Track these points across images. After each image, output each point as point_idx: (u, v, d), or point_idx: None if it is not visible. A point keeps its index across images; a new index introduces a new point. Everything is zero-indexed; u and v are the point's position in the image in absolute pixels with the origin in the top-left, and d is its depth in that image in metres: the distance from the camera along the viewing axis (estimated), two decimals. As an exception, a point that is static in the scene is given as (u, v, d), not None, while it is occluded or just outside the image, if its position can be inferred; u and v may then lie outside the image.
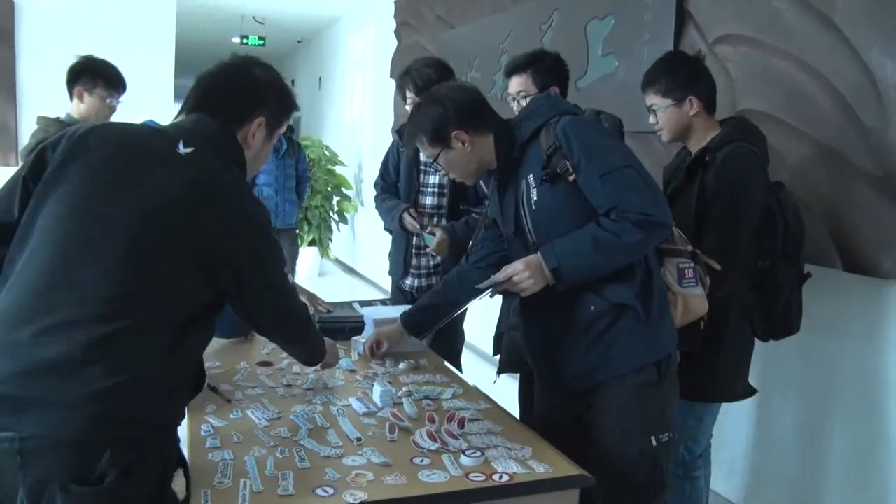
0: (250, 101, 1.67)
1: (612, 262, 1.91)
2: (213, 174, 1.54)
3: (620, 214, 1.86)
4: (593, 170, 1.89)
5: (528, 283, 1.94)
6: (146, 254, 1.44)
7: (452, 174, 2.12)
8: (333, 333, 2.70)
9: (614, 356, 1.97)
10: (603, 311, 1.96)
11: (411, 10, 6.61)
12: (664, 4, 3.31)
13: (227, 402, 2.08)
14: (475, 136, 2.03)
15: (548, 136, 1.96)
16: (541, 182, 1.96)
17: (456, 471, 1.68)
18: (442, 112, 2.02)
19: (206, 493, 1.54)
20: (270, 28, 10.55)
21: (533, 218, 2.00)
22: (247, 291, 1.58)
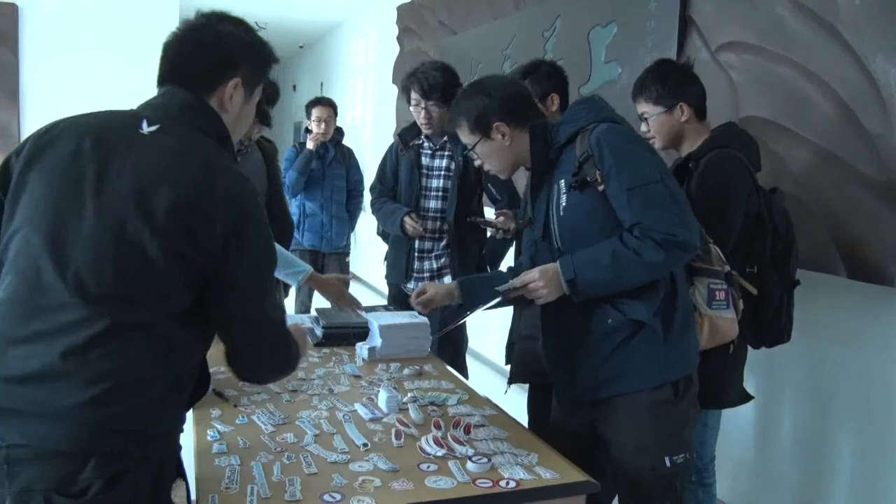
0: (221, 63, 1.53)
1: (629, 280, 1.88)
2: (179, 152, 1.41)
3: (644, 231, 1.82)
4: (622, 182, 1.85)
5: (543, 293, 1.93)
6: (116, 251, 1.34)
7: (487, 165, 2.11)
8: (338, 339, 2.71)
9: (629, 372, 1.93)
10: (619, 326, 1.92)
11: (413, 16, 6.62)
12: (667, 11, 3.32)
13: (233, 406, 2.08)
14: (516, 131, 2.03)
15: (583, 142, 1.93)
16: (570, 188, 1.94)
17: (463, 477, 1.68)
18: (487, 102, 2.02)
19: (213, 499, 1.55)
20: (272, 33, 10.54)
21: (560, 224, 1.98)
22: (226, 285, 1.42)
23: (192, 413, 2.00)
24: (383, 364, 2.54)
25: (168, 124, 1.44)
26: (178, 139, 1.43)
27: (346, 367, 2.48)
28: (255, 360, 1.55)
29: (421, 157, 3.38)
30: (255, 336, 1.49)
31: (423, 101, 3.23)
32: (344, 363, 2.53)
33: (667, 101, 2.41)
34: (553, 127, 2.03)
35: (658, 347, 1.91)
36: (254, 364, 1.56)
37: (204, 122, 1.50)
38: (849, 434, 2.67)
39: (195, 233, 1.37)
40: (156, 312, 1.37)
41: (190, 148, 1.43)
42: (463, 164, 3.28)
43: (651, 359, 1.91)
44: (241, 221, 1.41)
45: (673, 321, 1.92)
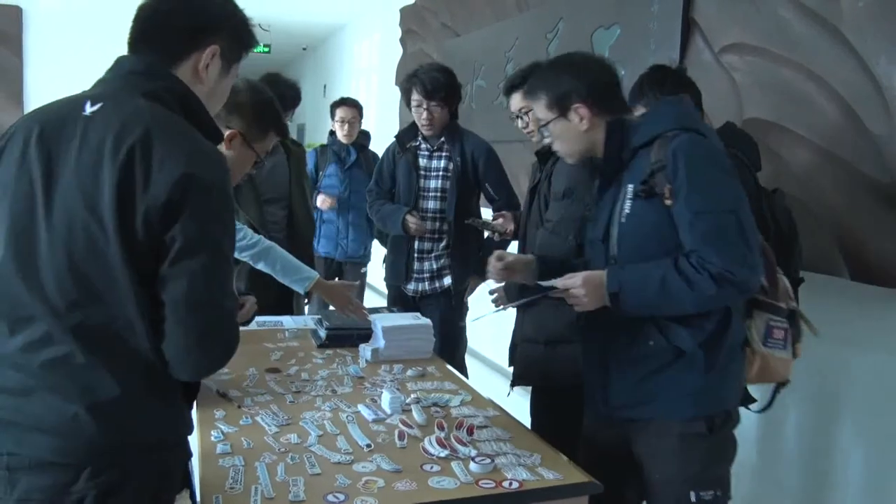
0: (200, 26, 1.43)
1: (675, 308, 1.78)
2: (118, 129, 1.28)
3: (701, 261, 1.71)
4: (690, 203, 1.74)
5: (584, 301, 1.85)
6: (71, 255, 1.27)
7: (556, 146, 2.01)
8: (341, 340, 2.72)
9: (663, 398, 1.85)
10: (660, 350, 1.83)
11: (416, 18, 6.63)
12: (670, 13, 3.32)
13: (237, 407, 2.08)
14: (596, 118, 1.92)
15: (660, 149, 1.80)
16: (636, 196, 1.83)
17: (466, 478, 1.69)
18: (574, 81, 1.91)
19: (217, 499, 1.56)
20: (276, 35, 10.58)
21: (620, 230, 1.87)
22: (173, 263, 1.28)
23: (196, 414, 2.01)
24: (386, 365, 2.54)
25: (111, 99, 1.34)
26: (119, 112, 1.31)
27: (349, 369, 2.49)
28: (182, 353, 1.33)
29: (418, 158, 3.40)
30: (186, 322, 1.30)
31: (425, 102, 3.25)
32: (347, 364, 2.54)
33: None
34: (632, 126, 1.91)
35: (697, 379, 1.81)
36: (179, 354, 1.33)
37: (155, 87, 1.37)
38: (852, 436, 2.67)
39: (140, 216, 1.25)
40: (127, 315, 1.29)
41: (129, 120, 1.29)
42: (461, 165, 3.30)
43: (688, 389, 1.82)
44: (181, 194, 1.26)
45: (718, 354, 1.82)
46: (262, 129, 2.20)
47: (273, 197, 3.38)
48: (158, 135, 1.28)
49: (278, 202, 3.41)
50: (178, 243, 1.27)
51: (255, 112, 2.19)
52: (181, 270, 1.28)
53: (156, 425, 1.35)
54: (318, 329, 2.83)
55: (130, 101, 1.33)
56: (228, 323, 1.37)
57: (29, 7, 7.33)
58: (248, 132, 2.17)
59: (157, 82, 1.37)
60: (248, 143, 2.18)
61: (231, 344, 1.39)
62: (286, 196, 3.44)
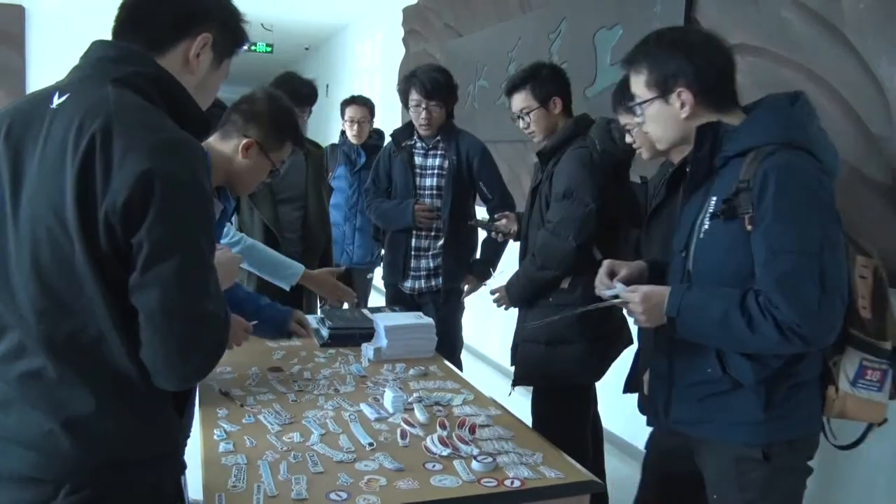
0: (189, 11, 1.36)
1: (732, 346, 1.67)
2: (80, 120, 1.19)
3: (768, 305, 1.56)
4: (770, 236, 1.57)
5: (641, 318, 1.75)
6: (38, 263, 1.20)
7: (646, 128, 1.83)
8: (344, 340, 2.73)
9: (721, 421, 1.74)
10: (717, 379, 1.71)
11: (419, 18, 6.64)
12: (672, 14, 3.33)
13: (240, 406, 2.09)
14: (699, 108, 1.72)
15: (752, 163, 1.61)
16: (715, 215, 1.67)
17: (468, 476, 1.69)
18: (683, 62, 1.70)
19: (220, 497, 1.56)
20: (279, 35, 10.60)
21: (697, 246, 1.73)
22: (143, 271, 1.18)
23: (198, 413, 2.03)
24: (389, 364, 2.55)
25: (78, 89, 1.25)
26: (84, 102, 1.22)
27: (351, 368, 2.50)
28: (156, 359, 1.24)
29: (414, 156, 3.44)
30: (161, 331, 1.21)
31: (424, 102, 3.28)
32: (350, 364, 2.54)
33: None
34: (726, 131, 1.69)
35: (754, 412, 1.69)
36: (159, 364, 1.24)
37: (126, 71, 1.27)
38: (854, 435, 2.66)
39: (101, 220, 1.16)
40: (98, 326, 1.21)
41: (91, 110, 1.20)
42: (456, 163, 3.32)
43: (745, 419, 1.70)
44: (143, 194, 1.15)
45: (782, 390, 1.68)
46: (280, 138, 2.23)
47: (288, 197, 3.38)
48: (120, 125, 1.18)
49: (293, 202, 3.42)
50: (146, 249, 1.17)
51: (272, 121, 2.21)
52: (152, 278, 1.17)
53: (136, 442, 1.28)
54: (320, 328, 2.84)
55: (97, 89, 1.24)
56: (210, 328, 1.25)
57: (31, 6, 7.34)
58: (265, 142, 2.20)
59: (127, 67, 1.27)
60: (265, 152, 2.20)
61: (214, 349, 1.28)
62: (302, 197, 3.44)
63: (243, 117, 2.22)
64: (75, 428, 1.22)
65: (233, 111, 2.26)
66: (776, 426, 1.69)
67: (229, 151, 2.19)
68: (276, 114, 2.24)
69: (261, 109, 2.22)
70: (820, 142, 1.67)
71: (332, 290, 2.92)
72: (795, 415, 1.71)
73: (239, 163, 2.19)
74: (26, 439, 1.22)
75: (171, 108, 1.30)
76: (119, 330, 1.21)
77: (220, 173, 2.20)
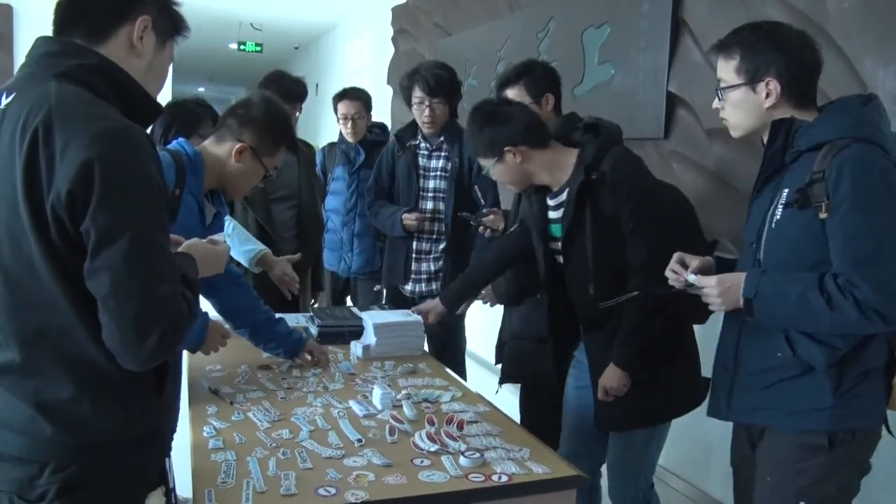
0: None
1: (811, 326, 1.68)
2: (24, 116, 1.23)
3: (848, 285, 1.58)
4: (847, 223, 1.60)
5: (716, 301, 1.76)
6: (3, 255, 1.26)
7: (725, 113, 1.86)
8: (333, 338, 2.73)
9: (787, 408, 1.75)
10: (787, 364, 1.73)
11: (408, 18, 6.64)
12: (660, 13, 3.35)
13: (229, 403, 2.10)
14: (781, 100, 1.76)
15: (826, 157, 1.64)
16: (788, 204, 1.70)
17: (455, 471, 1.71)
18: (775, 53, 1.74)
19: (209, 493, 1.57)
20: (268, 34, 10.60)
21: (769, 236, 1.76)
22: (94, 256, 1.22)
23: (188, 410, 2.03)
24: (378, 362, 2.56)
25: (23, 87, 1.28)
26: (27, 101, 1.25)
27: (340, 365, 2.51)
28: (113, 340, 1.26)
29: (418, 157, 3.37)
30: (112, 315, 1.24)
31: (427, 99, 3.21)
32: (339, 361, 2.55)
33: (494, 153, 2.28)
34: (799, 127, 1.74)
35: (824, 398, 1.70)
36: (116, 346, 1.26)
37: (69, 65, 1.29)
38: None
39: (48, 211, 1.21)
40: (61, 317, 1.26)
41: (34, 106, 1.23)
42: (458, 165, 3.29)
43: (812, 405, 1.72)
44: (84, 184, 1.19)
45: (851, 376, 1.70)
46: (274, 144, 2.24)
47: (282, 196, 3.39)
48: (59, 119, 1.21)
49: (287, 201, 3.42)
50: (94, 236, 1.20)
51: (267, 127, 2.22)
52: (102, 263, 1.21)
53: (115, 425, 1.32)
54: (309, 326, 2.85)
55: (40, 85, 1.26)
56: (164, 309, 1.26)
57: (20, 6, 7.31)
58: (259, 147, 2.20)
59: (70, 60, 1.30)
60: (258, 157, 2.20)
61: (172, 330, 1.28)
62: (295, 195, 3.44)
63: (238, 121, 2.22)
64: (54, 414, 1.28)
65: (228, 115, 2.27)
66: (842, 413, 1.70)
67: (223, 155, 2.20)
68: (272, 119, 2.24)
69: (256, 114, 2.22)
70: (891, 140, 1.69)
71: (280, 277, 2.99)
72: (861, 403, 1.72)
73: (232, 167, 2.20)
74: (13, 423, 1.29)
75: (118, 97, 1.33)
76: (82, 319, 1.26)
77: (214, 177, 2.20)
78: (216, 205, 2.25)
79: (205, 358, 2.38)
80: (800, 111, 1.77)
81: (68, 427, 1.29)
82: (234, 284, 2.38)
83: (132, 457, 1.36)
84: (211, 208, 2.22)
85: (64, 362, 1.28)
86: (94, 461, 1.32)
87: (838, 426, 1.71)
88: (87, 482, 1.30)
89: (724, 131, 2.95)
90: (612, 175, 2.18)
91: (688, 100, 3.20)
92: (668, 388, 2.28)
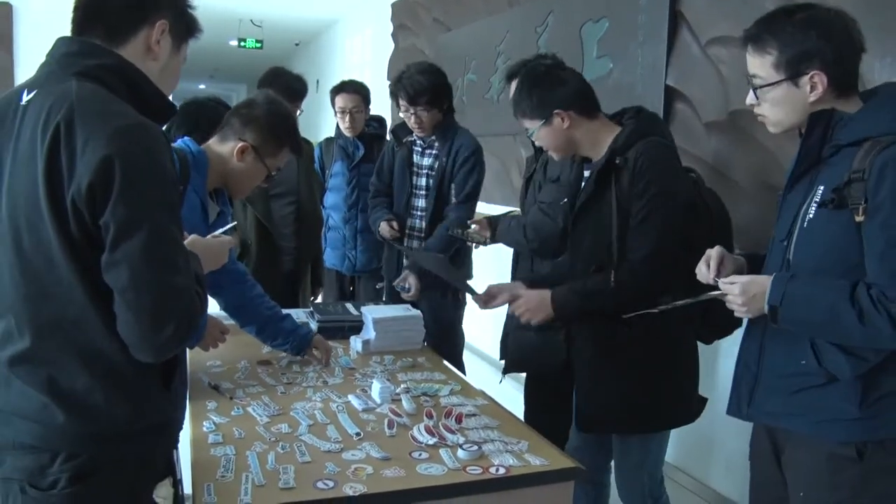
0: (142, 3, 1.41)
1: (840, 339, 1.58)
2: (46, 113, 1.27)
3: (882, 298, 1.49)
4: (888, 229, 1.49)
5: (741, 310, 1.67)
6: (18, 250, 1.30)
7: (763, 110, 1.73)
8: (333, 332, 2.74)
9: (813, 417, 1.65)
10: (812, 372, 1.64)
11: (408, 13, 6.64)
12: (658, 6, 3.34)
13: (229, 399, 2.11)
14: (828, 90, 1.62)
15: (867, 155, 1.53)
16: (823, 204, 1.59)
17: (454, 464, 1.72)
18: (820, 42, 1.61)
19: (209, 487, 1.58)
20: (268, 31, 10.59)
21: (800, 235, 1.65)
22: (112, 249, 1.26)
23: (188, 406, 2.03)
24: (377, 356, 2.57)
25: (44, 85, 1.33)
26: (48, 98, 1.29)
27: (340, 360, 2.52)
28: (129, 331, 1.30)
29: (413, 154, 3.38)
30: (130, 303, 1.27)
31: (411, 108, 3.19)
32: (338, 356, 2.56)
33: (542, 113, 2.21)
34: (840, 120, 1.62)
35: (851, 409, 1.60)
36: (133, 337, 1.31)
37: (89, 65, 1.34)
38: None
39: (69, 205, 1.25)
40: (77, 307, 1.30)
41: (55, 104, 1.28)
42: (445, 163, 3.25)
43: (839, 415, 1.62)
44: (104, 179, 1.23)
45: (879, 388, 1.60)
46: (277, 144, 2.24)
47: (281, 192, 3.39)
48: (80, 115, 1.26)
49: (285, 197, 3.42)
50: (113, 229, 1.25)
51: (270, 126, 2.22)
52: (121, 256, 1.25)
53: (125, 415, 1.35)
54: (309, 321, 2.86)
55: (61, 83, 1.31)
56: (180, 300, 1.31)
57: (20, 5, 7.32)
58: (261, 146, 2.20)
59: (89, 60, 1.35)
60: (261, 157, 2.20)
61: (186, 321, 1.32)
62: (294, 191, 3.45)
63: (241, 121, 2.22)
64: (67, 402, 1.31)
65: (232, 114, 2.28)
66: (870, 425, 1.61)
67: (226, 154, 2.21)
68: (274, 119, 2.24)
69: (259, 114, 2.22)
70: None
71: None
72: (889, 414, 1.61)
73: (234, 166, 2.20)
74: (26, 412, 1.32)
75: (133, 96, 1.36)
76: (98, 311, 1.30)
77: (216, 175, 2.21)
78: (220, 203, 2.26)
79: (205, 354, 2.39)
80: (843, 101, 1.65)
81: (81, 416, 1.32)
82: (240, 282, 2.38)
83: (142, 447, 1.40)
84: (214, 207, 2.22)
85: (78, 352, 1.32)
86: (105, 450, 1.35)
87: (866, 437, 1.61)
88: (97, 471, 1.33)
89: (721, 124, 2.99)
90: (635, 164, 2.13)
91: (686, 93, 3.20)
92: (658, 399, 2.22)
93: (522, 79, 2.28)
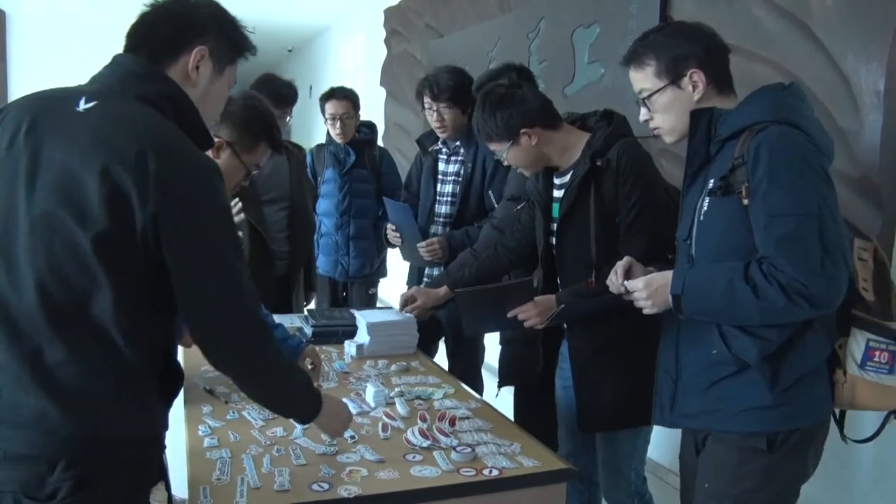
0: (185, 28, 1.45)
1: (740, 318, 1.63)
2: (111, 129, 1.30)
3: (772, 270, 1.54)
4: (767, 203, 1.57)
5: (646, 304, 1.73)
6: (47, 250, 1.29)
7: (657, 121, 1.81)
8: (327, 337, 2.76)
9: (726, 410, 1.70)
10: (723, 360, 1.69)
11: (400, 19, 6.67)
12: (648, 13, 3.38)
13: (224, 403, 2.12)
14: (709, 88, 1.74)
15: (744, 142, 1.63)
16: (712, 193, 1.67)
17: (447, 466, 1.74)
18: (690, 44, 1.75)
19: (205, 490, 1.60)
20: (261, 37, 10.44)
21: (698, 229, 1.72)
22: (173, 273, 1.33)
23: (183, 410, 2.05)
24: (371, 361, 2.59)
25: (106, 98, 1.36)
26: (113, 113, 1.33)
27: (334, 364, 2.53)
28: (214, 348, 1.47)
29: (438, 162, 3.36)
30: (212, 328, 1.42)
31: (434, 104, 3.19)
32: (333, 360, 2.58)
33: (508, 135, 2.25)
34: (720, 116, 1.70)
35: (762, 395, 1.65)
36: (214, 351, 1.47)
37: (150, 90, 1.38)
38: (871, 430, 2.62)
39: (124, 216, 1.27)
40: (103, 314, 1.31)
41: (124, 122, 1.31)
42: (471, 170, 3.24)
43: (751, 404, 1.67)
44: (173, 204, 1.29)
45: (786, 370, 1.64)
46: (253, 139, 2.21)
47: (274, 197, 3.41)
48: (157, 149, 1.29)
49: (278, 202, 3.44)
50: (179, 258, 1.32)
51: (245, 122, 2.20)
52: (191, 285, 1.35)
53: (127, 423, 1.36)
54: (303, 326, 2.87)
55: (125, 103, 1.35)
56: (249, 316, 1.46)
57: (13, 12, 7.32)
58: (237, 143, 2.17)
59: (153, 85, 1.39)
60: (237, 153, 2.18)
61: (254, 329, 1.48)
62: (287, 197, 3.46)
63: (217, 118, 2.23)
64: (69, 409, 1.30)
65: None
66: (783, 412, 1.65)
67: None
68: (249, 114, 2.22)
69: (233, 110, 2.20)
70: (813, 124, 1.67)
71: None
72: (802, 401, 1.66)
73: None
74: (21, 420, 1.29)
75: (180, 122, 1.40)
76: (124, 316, 1.32)
77: None
78: None
79: (200, 359, 2.37)
80: (724, 99, 1.76)
81: (83, 424, 1.31)
82: None
83: (139, 454, 1.41)
84: None
85: (94, 359, 1.32)
86: (104, 458, 1.34)
87: (778, 427, 1.66)
88: (97, 478, 1.32)
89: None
90: (618, 165, 2.16)
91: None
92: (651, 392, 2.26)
93: (482, 103, 2.30)
